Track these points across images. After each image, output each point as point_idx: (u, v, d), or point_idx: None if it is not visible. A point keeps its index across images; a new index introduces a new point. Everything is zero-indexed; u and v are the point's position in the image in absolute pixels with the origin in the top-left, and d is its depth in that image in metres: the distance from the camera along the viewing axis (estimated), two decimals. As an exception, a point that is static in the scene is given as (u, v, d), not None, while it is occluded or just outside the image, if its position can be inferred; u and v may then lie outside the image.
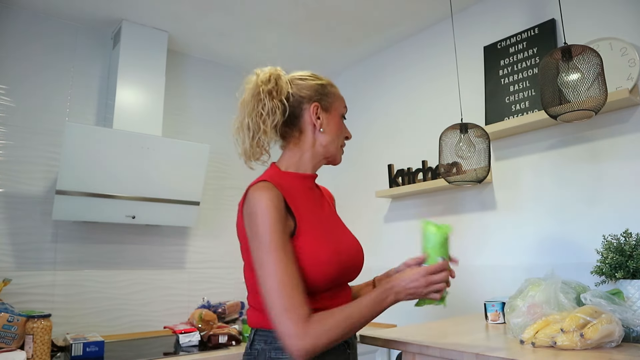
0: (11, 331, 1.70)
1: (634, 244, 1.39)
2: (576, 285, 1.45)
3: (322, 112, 1.14)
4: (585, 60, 1.46)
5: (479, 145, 1.82)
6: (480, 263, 2.13)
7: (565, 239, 1.85)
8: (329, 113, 1.15)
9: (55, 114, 2.26)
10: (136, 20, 2.35)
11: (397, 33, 2.60)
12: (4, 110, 2.13)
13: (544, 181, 1.95)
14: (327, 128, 1.14)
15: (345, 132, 1.20)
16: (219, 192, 2.73)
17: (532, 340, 1.25)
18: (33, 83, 2.22)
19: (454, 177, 1.89)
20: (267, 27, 2.48)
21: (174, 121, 2.62)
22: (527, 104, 2.00)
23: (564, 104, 1.49)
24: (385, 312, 1.13)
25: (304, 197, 1.09)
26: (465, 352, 1.19)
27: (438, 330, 1.56)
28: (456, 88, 2.19)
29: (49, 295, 2.11)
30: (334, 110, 1.16)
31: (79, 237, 2.23)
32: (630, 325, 1.25)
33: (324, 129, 1.13)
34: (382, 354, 2.35)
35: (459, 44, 2.18)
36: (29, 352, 1.71)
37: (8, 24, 2.19)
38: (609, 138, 1.77)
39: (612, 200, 1.73)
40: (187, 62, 2.75)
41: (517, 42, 2.08)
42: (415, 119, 2.55)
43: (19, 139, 2.14)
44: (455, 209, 2.28)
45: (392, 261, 2.54)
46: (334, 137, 1.15)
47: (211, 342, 1.97)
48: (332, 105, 1.16)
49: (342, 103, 1.20)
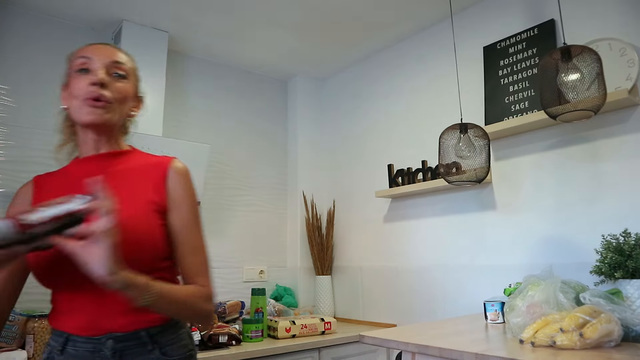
0: (12, 330, 1.70)
1: (633, 243, 1.40)
2: (575, 285, 1.45)
3: (64, 91, 1.02)
4: (585, 60, 1.47)
5: (479, 145, 1.83)
6: (480, 263, 2.14)
7: (565, 238, 1.85)
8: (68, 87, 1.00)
9: (55, 114, 2.25)
10: (136, 20, 2.35)
11: (397, 33, 2.60)
12: (5, 111, 2.13)
13: (543, 181, 1.95)
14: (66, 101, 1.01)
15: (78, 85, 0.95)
16: (219, 192, 2.74)
17: (532, 339, 1.25)
18: (34, 83, 2.22)
19: (453, 177, 1.90)
20: (267, 27, 2.49)
21: (174, 121, 2.63)
22: (526, 104, 2.00)
23: (563, 104, 1.49)
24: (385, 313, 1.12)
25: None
26: (465, 352, 1.20)
27: (438, 330, 1.56)
28: (456, 88, 2.20)
29: (49, 295, 2.10)
30: (70, 77, 0.99)
31: (79, 237, 2.23)
32: (630, 325, 1.25)
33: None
34: (382, 354, 2.35)
35: (458, 44, 2.18)
36: (29, 352, 1.72)
37: (9, 24, 2.19)
38: (608, 138, 1.77)
39: (612, 200, 1.73)
40: (187, 62, 2.75)
41: (517, 43, 2.09)
42: (415, 119, 2.55)
43: (20, 139, 2.15)
44: (455, 209, 2.28)
45: (392, 261, 2.55)
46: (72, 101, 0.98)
47: (211, 341, 1.97)
48: (69, 75, 1.00)
49: (74, 59, 0.99)
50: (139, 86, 1.06)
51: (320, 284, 2.82)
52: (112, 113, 0.95)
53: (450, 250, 2.27)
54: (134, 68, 1.04)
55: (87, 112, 0.92)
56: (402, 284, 2.47)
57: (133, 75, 1.03)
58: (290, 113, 3.15)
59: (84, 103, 0.92)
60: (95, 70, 0.94)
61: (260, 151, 2.97)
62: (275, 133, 3.09)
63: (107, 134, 0.99)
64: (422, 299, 2.35)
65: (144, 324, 0.91)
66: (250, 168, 2.88)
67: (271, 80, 3.14)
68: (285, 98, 3.20)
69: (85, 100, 0.92)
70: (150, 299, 0.81)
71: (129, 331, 0.89)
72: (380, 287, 2.58)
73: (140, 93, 1.08)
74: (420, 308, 2.37)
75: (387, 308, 2.50)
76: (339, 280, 2.87)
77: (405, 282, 2.45)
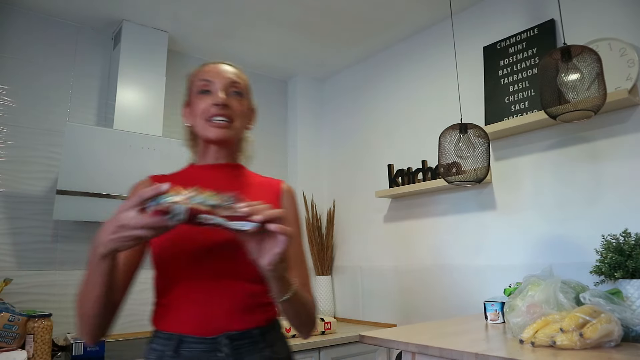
0: (12, 331, 1.70)
1: (633, 243, 1.40)
2: (575, 285, 1.45)
3: (186, 109, 1.11)
4: (585, 60, 1.47)
5: (479, 145, 1.83)
6: (479, 263, 2.14)
7: (565, 238, 1.85)
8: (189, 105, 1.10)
9: (56, 114, 2.26)
10: (136, 20, 2.36)
11: (397, 33, 2.60)
12: (5, 111, 2.13)
13: (543, 181, 1.95)
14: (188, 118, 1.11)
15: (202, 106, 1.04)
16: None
17: (532, 339, 1.25)
18: (34, 83, 2.22)
19: (453, 177, 1.90)
20: (267, 27, 2.49)
21: (174, 121, 2.62)
22: (526, 104, 2.00)
23: (563, 104, 1.49)
24: (385, 313, 1.13)
25: None
26: (465, 352, 1.20)
27: (438, 330, 1.56)
28: (456, 88, 2.20)
29: (49, 295, 2.11)
30: (193, 97, 1.08)
31: (79, 236, 2.23)
32: (630, 325, 1.25)
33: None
34: (382, 354, 2.35)
35: (458, 45, 2.18)
36: (29, 352, 1.72)
37: (9, 24, 2.19)
38: (608, 138, 1.77)
39: (612, 200, 1.73)
40: (187, 62, 2.75)
41: (517, 43, 2.09)
42: (415, 119, 2.55)
43: (20, 139, 2.15)
44: (455, 209, 2.28)
45: (392, 261, 2.55)
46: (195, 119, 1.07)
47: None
48: (190, 94, 1.09)
49: (196, 81, 1.08)
50: (252, 100, 1.14)
51: (320, 284, 2.82)
52: (233, 130, 1.04)
53: (450, 250, 2.27)
54: (248, 84, 1.12)
55: (212, 131, 1.02)
56: (402, 284, 2.47)
57: (247, 91, 1.11)
58: (290, 113, 3.15)
59: (208, 123, 1.02)
60: (216, 92, 1.03)
61: (260, 151, 2.95)
62: (275, 133, 3.09)
63: (228, 148, 1.08)
64: (422, 299, 2.36)
65: (255, 323, 0.95)
66: (250, 168, 2.87)
67: (271, 80, 3.14)
68: (285, 98, 3.20)
69: (209, 120, 1.02)
70: (290, 294, 0.88)
71: (243, 330, 0.93)
72: (380, 287, 2.58)
73: (253, 106, 1.16)
74: (420, 308, 2.37)
75: (387, 308, 2.50)
76: (339, 280, 2.88)
77: (405, 282, 2.45)
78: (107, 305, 0.87)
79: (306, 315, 0.97)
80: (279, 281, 0.85)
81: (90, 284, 0.83)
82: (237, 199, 0.78)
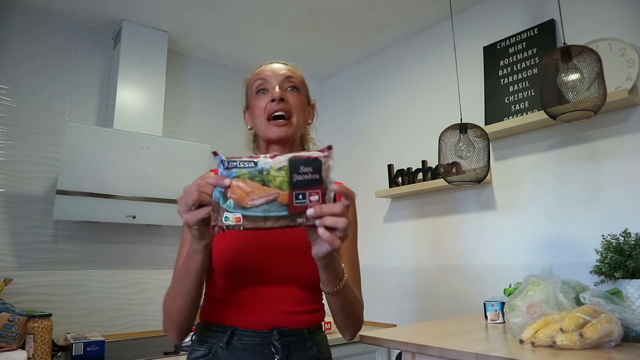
0: (12, 331, 1.70)
1: (633, 243, 1.40)
2: (575, 285, 1.45)
3: (246, 112, 1.14)
4: (585, 60, 1.47)
5: (479, 145, 1.83)
6: (480, 263, 2.14)
7: (565, 238, 1.85)
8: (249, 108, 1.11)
9: (55, 114, 2.26)
10: (136, 20, 2.35)
11: (397, 33, 2.60)
12: (5, 111, 2.13)
13: (543, 181, 1.95)
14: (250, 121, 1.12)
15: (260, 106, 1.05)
16: (219, 192, 2.73)
17: (532, 339, 1.25)
18: (34, 83, 2.22)
19: (453, 177, 1.90)
20: (267, 27, 2.49)
21: (174, 121, 2.63)
22: (526, 104, 2.00)
23: (563, 104, 1.49)
24: (385, 312, 1.13)
25: None
26: (465, 352, 1.20)
27: (438, 330, 1.56)
28: (456, 88, 2.20)
29: (49, 295, 2.11)
30: (251, 99, 1.10)
31: (79, 237, 2.24)
32: (630, 325, 1.25)
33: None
34: (382, 354, 2.35)
35: (458, 44, 2.18)
36: (29, 352, 1.72)
37: (9, 24, 2.19)
38: (608, 138, 1.77)
39: (612, 200, 1.73)
40: (187, 62, 2.75)
41: (517, 43, 2.09)
42: (415, 119, 2.55)
43: (20, 139, 2.15)
44: (455, 209, 2.28)
45: (392, 261, 2.55)
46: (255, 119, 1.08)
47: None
48: (248, 97, 1.11)
49: (252, 83, 1.09)
50: (309, 95, 1.14)
51: (320, 284, 2.81)
52: (293, 128, 1.04)
53: (450, 250, 2.27)
54: (303, 79, 1.13)
55: (272, 130, 1.01)
56: (402, 284, 2.47)
57: (303, 87, 1.12)
58: (290, 113, 3.15)
59: (269, 123, 1.02)
60: (272, 89, 1.03)
61: (260, 151, 2.96)
62: (275, 133, 3.09)
63: (289, 146, 1.08)
64: (422, 299, 2.36)
65: (305, 325, 0.98)
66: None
67: (271, 80, 3.14)
68: (285, 98, 3.19)
69: (269, 119, 1.02)
70: (342, 285, 0.87)
71: (294, 328, 0.96)
72: (380, 287, 2.58)
73: (312, 101, 1.16)
74: (420, 308, 2.37)
75: (387, 308, 2.50)
76: (339, 280, 2.87)
77: (405, 282, 2.45)
78: (196, 299, 0.90)
79: (353, 312, 0.97)
80: (329, 271, 0.85)
81: (183, 278, 0.87)
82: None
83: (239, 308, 0.95)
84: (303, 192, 0.72)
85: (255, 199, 0.71)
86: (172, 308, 0.91)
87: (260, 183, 0.72)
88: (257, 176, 0.72)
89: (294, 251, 0.95)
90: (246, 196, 0.71)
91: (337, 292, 0.88)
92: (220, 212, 0.71)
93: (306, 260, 0.89)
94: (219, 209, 0.71)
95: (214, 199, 0.72)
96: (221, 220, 0.71)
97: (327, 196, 0.74)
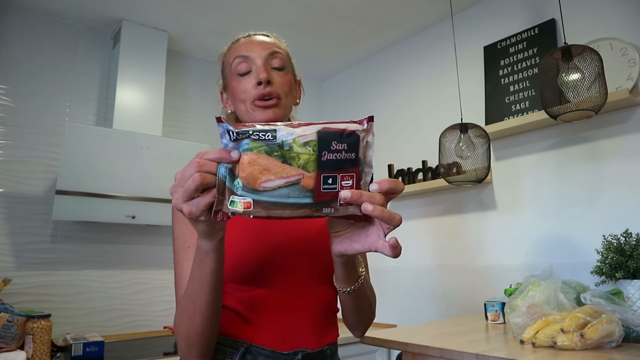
0: (11, 331, 1.69)
1: (634, 244, 1.40)
2: (576, 285, 1.45)
3: (224, 93, 0.99)
4: (585, 60, 1.47)
5: (479, 145, 1.83)
6: (480, 263, 2.13)
7: (565, 238, 1.85)
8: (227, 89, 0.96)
9: (55, 114, 2.26)
10: (136, 20, 2.35)
11: (397, 33, 2.60)
12: (4, 110, 2.13)
13: (544, 181, 1.95)
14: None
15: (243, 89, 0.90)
16: (219, 192, 2.73)
17: (532, 340, 1.25)
18: (33, 83, 2.22)
19: (454, 177, 1.89)
20: (267, 27, 2.46)
21: (174, 121, 2.62)
22: (527, 104, 2.00)
23: (564, 104, 1.49)
24: (385, 313, 1.11)
25: None
26: (465, 352, 1.20)
27: (438, 330, 1.56)
28: (456, 88, 2.19)
29: (49, 295, 2.11)
30: (230, 79, 0.95)
31: (79, 237, 2.23)
32: (631, 325, 1.25)
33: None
34: (382, 354, 2.35)
35: (459, 44, 2.18)
36: (28, 352, 1.71)
37: (8, 24, 2.19)
38: (608, 138, 1.77)
39: (612, 200, 1.73)
40: (187, 62, 2.75)
41: (517, 42, 2.08)
42: (415, 118, 2.55)
43: (19, 138, 2.14)
44: (455, 209, 2.28)
45: (392, 261, 2.55)
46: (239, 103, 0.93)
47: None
48: (226, 76, 0.96)
49: (230, 60, 0.94)
50: (295, 71, 1.00)
51: (320, 284, 2.81)
52: (282, 108, 0.91)
53: (450, 250, 2.27)
54: (288, 54, 0.99)
55: (260, 113, 0.88)
56: (402, 284, 2.46)
57: (289, 62, 0.98)
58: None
59: (255, 106, 0.88)
60: (257, 70, 0.89)
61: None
62: (275, 133, 3.09)
63: None
64: (422, 299, 2.35)
65: (327, 341, 0.87)
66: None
67: (271, 80, 3.13)
68: (285, 98, 3.19)
69: (255, 101, 0.88)
70: (359, 283, 0.79)
71: (318, 349, 0.84)
72: (380, 287, 2.57)
73: (298, 77, 1.03)
74: (420, 308, 2.36)
75: (387, 308, 2.50)
76: (339, 281, 2.87)
77: (405, 282, 2.45)
78: (218, 312, 0.74)
79: (368, 309, 0.88)
80: (348, 268, 0.75)
81: (196, 291, 0.71)
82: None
83: (254, 321, 0.82)
84: (334, 175, 0.56)
85: (273, 179, 0.55)
86: (190, 330, 0.73)
87: (280, 160, 0.55)
88: (277, 150, 0.56)
89: (313, 247, 0.82)
90: (260, 175, 0.55)
91: (353, 290, 0.78)
92: (227, 194, 0.56)
93: (325, 257, 0.80)
94: (225, 190, 0.56)
95: (220, 177, 0.56)
96: (226, 206, 0.56)
97: (363, 181, 0.59)
